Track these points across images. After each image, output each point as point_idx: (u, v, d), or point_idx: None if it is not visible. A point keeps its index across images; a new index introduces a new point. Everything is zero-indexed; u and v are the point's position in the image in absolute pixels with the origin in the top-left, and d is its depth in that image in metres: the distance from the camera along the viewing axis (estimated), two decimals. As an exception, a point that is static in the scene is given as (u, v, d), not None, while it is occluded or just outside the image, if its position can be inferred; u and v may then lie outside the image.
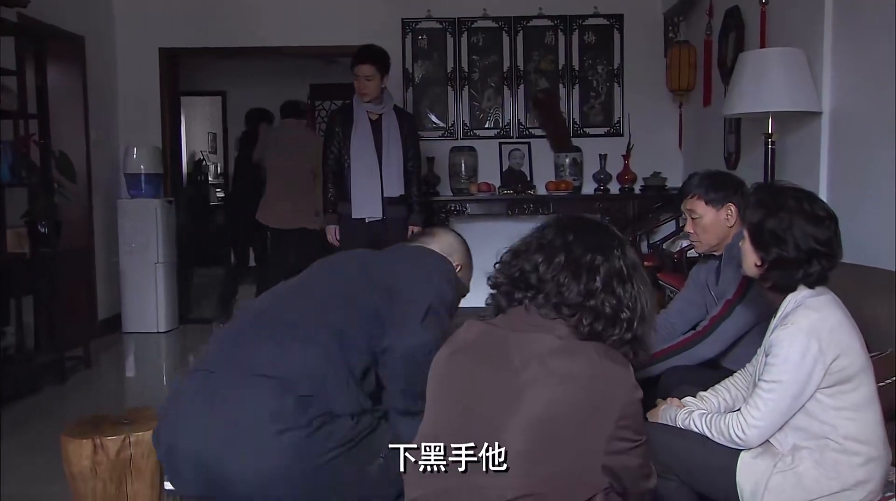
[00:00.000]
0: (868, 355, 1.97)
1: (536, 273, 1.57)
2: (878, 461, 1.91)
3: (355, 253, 2.38)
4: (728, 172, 2.97)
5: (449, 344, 1.63)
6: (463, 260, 2.40)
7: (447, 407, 1.56)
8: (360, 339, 2.00)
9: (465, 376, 1.55)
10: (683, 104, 6.05)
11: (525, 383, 1.45)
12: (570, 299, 1.53)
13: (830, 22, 3.47)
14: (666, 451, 2.06)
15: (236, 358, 1.95)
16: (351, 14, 6.15)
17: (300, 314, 2.04)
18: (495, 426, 1.45)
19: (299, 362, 1.92)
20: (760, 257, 1.98)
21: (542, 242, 1.60)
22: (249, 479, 1.81)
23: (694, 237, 2.68)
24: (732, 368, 2.42)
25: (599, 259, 1.56)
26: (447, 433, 1.50)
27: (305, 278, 2.24)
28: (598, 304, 1.53)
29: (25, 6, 4.61)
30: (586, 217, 1.71)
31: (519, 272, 1.59)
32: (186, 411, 1.93)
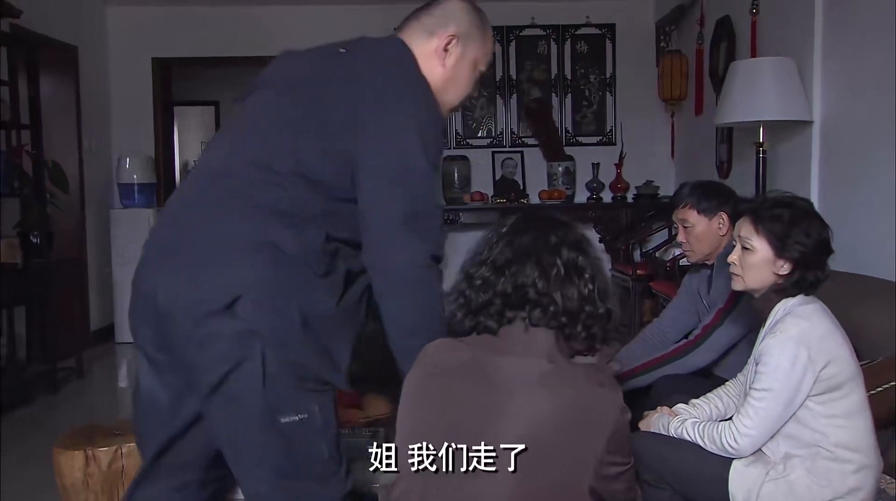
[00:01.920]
0: (858, 362, 1.97)
1: (535, 287, 1.46)
2: (870, 468, 1.92)
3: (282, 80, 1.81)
4: (719, 182, 2.98)
5: (423, 365, 1.50)
6: (462, 28, 1.83)
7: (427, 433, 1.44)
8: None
9: (448, 400, 1.45)
10: (675, 113, 6.08)
11: (512, 409, 1.38)
12: (570, 308, 1.47)
13: (821, 31, 3.49)
14: (658, 460, 2.06)
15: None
16: (345, 24, 6.12)
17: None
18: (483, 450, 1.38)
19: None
20: (784, 261, 1.96)
21: (528, 250, 1.49)
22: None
23: (687, 247, 2.69)
24: (725, 376, 2.42)
25: (581, 259, 1.50)
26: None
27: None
28: (594, 307, 1.49)
29: (18, 17, 4.61)
30: (542, 215, 1.60)
31: (512, 288, 1.47)
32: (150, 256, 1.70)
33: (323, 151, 1.62)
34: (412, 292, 1.63)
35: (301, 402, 1.62)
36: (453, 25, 1.80)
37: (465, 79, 1.82)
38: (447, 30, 1.79)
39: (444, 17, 1.80)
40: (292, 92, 1.69)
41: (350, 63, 1.71)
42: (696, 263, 2.75)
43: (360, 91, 1.64)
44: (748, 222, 2.00)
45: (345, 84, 1.67)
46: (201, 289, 1.57)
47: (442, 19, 1.80)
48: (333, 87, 1.67)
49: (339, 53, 1.73)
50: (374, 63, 1.71)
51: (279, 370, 1.58)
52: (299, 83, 1.71)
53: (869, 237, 3.05)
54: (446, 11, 1.81)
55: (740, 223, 2.03)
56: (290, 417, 1.60)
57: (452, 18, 1.80)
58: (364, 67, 1.70)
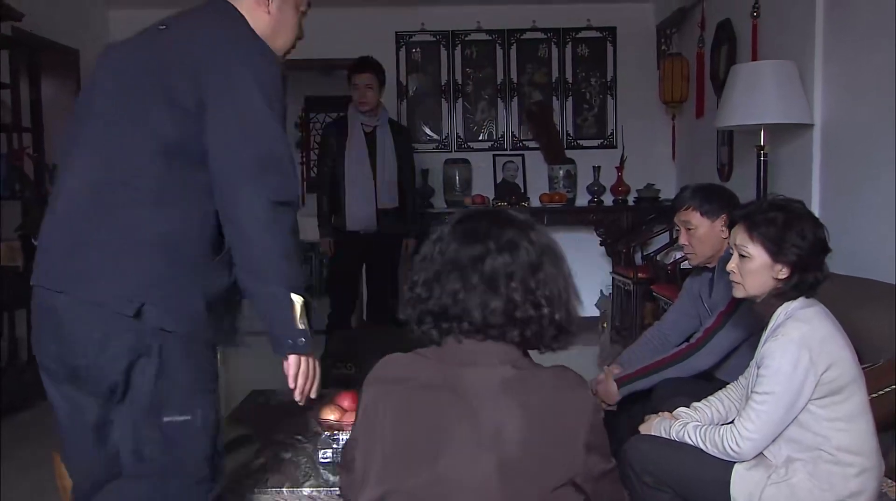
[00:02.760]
0: (859, 365, 1.98)
1: (455, 300, 1.40)
2: (872, 471, 1.92)
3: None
4: (720, 185, 2.98)
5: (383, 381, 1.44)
6: None
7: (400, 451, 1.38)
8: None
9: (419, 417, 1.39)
10: (676, 116, 6.08)
11: (482, 421, 1.34)
12: (494, 321, 1.39)
13: (821, 34, 3.50)
14: (659, 463, 2.06)
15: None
16: (345, 27, 6.17)
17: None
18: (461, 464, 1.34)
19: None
20: (781, 265, 1.97)
21: (452, 260, 1.43)
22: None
23: (689, 249, 2.69)
24: (726, 379, 2.42)
25: (508, 260, 1.40)
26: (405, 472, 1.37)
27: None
28: (523, 313, 1.39)
29: (20, 20, 4.62)
30: (485, 212, 1.52)
31: (438, 307, 1.42)
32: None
33: (175, 124, 1.63)
34: (259, 236, 1.64)
35: (187, 402, 1.66)
36: None
37: (291, 21, 1.88)
38: None
39: None
40: (131, 74, 1.69)
41: (176, 33, 1.73)
42: (698, 265, 2.74)
43: (195, 54, 1.66)
44: (742, 230, 2.00)
45: (178, 51, 1.68)
46: (104, 299, 1.60)
47: None
48: (169, 55, 1.68)
49: (161, 31, 1.75)
50: (201, 27, 1.74)
51: (174, 367, 1.63)
52: (135, 63, 1.70)
53: (870, 240, 3.05)
54: None
55: (735, 231, 2.03)
56: (174, 417, 1.65)
57: None
58: (193, 33, 1.72)
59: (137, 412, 1.65)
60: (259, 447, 2.32)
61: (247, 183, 1.63)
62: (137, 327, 1.60)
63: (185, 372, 1.66)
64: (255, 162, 1.63)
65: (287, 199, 1.67)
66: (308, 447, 2.29)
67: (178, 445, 1.67)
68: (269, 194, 1.63)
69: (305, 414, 2.52)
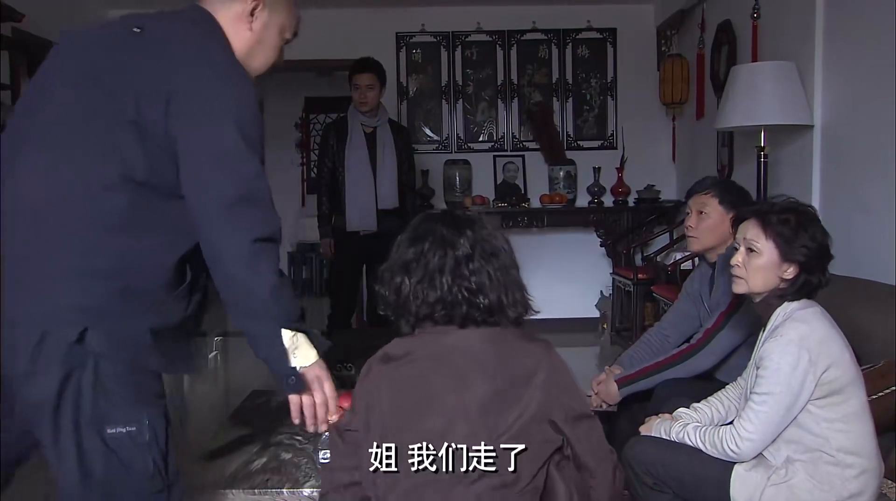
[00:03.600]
0: (858, 366, 1.98)
1: (399, 295, 1.65)
2: (871, 472, 1.92)
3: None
4: (741, 186, 2.99)
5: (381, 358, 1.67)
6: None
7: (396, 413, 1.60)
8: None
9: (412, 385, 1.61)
10: (677, 117, 6.08)
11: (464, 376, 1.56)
12: (432, 308, 1.62)
13: (821, 35, 3.50)
14: (659, 464, 2.06)
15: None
16: (345, 28, 6.17)
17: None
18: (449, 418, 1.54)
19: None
20: (789, 264, 1.97)
21: (400, 260, 1.66)
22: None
23: (694, 232, 2.69)
24: (725, 380, 2.42)
25: (442, 256, 1.63)
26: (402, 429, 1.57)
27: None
28: (455, 296, 1.61)
29: (20, 20, 4.62)
30: (436, 215, 1.72)
31: (394, 298, 1.66)
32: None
33: (142, 147, 1.54)
34: (242, 276, 1.59)
35: (130, 413, 1.59)
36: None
37: (271, 45, 1.78)
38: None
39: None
40: (95, 85, 1.57)
41: (150, 45, 1.61)
42: (696, 252, 2.76)
43: (167, 76, 1.56)
44: (755, 225, 2.00)
45: (149, 70, 1.57)
46: (47, 324, 1.53)
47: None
48: (139, 74, 1.57)
49: (135, 34, 1.62)
50: (176, 43, 1.63)
51: (112, 380, 1.56)
52: (100, 74, 1.58)
53: (870, 241, 3.05)
54: None
55: (746, 226, 2.03)
56: (118, 429, 1.58)
57: None
58: (167, 48, 1.61)
59: (78, 426, 1.57)
60: (259, 447, 2.32)
61: (225, 222, 1.57)
62: (77, 349, 1.53)
63: (125, 385, 1.59)
64: (233, 200, 1.56)
65: (268, 235, 1.61)
66: (308, 447, 2.29)
67: (125, 458, 1.60)
68: (249, 232, 1.58)
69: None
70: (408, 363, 1.63)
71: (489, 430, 1.52)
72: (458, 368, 1.58)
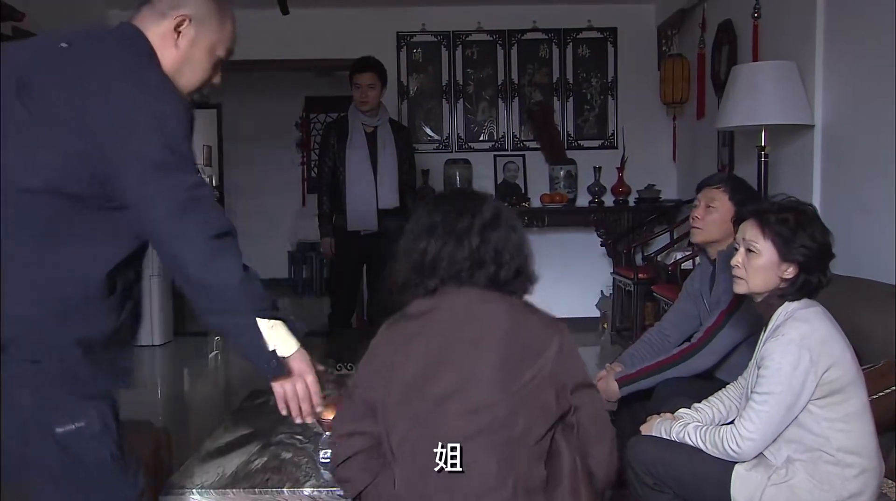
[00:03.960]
0: (859, 366, 1.98)
1: (424, 256, 1.73)
2: (872, 472, 1.92)
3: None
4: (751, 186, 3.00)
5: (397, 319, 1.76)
6: (196, 11, 1.75)
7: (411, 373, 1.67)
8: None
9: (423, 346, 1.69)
10: (677, 117, 6.08)
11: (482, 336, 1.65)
12: (460, 266, 1.71)
13: (822, 35, 3.50)
14: (660, 464, 2.06)
15: None
16: (345, 27, 6.17)
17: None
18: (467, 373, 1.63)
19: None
20: (788, 264, 1.97)
21: (421, 228, 1.76)
22: None
23: (698, 223, 2.70)
24: (726, 379, 2.43)
25: (469, 220, 1.73)
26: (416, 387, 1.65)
27: None
28: (483, 256, 1.71)
29: (20, 20, 4.62)
30: (451, 190, 1.94)
31: (418, 260, 1.73)
32: None
33: (67, 158, 1.55)
34: (204, 275, 1.60)
35: (77, 410, 1.61)
36: (186, 8, 1.74)
37: (200, 63, 1.78)
38: (179, 10, 1.73)
39: (176, 0, 1.74)
40: (21, 96, 1.57)
41: (77, 60, 1.61)
42: (698, 243, 2.76)
43: (93, 91, 1.57)
44: (754, 226, 2.00)
45: (75, 84, 1.57)
46: None
47: (174, 2, 1.74)
48: (64, 88, 1.57)
49: (63, 49, 1.62)
50: (103, 58, 1.63)
51: (51, 381, 1.58)
52: (26, 85, 1.58)
53: (870, 241, 3.05)
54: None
55: (745, 226, 2.03)
56: (67, 426, 1.60)
57: (186, 1, 1.74)
58: (93, 63, 1.61)
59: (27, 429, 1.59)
60: (259, 447, 2.32)
61: (176, 229, 1.59)
62: (9, 354, 1.56)
63: (64, 386, 1.60)
64: (179, 208, 1.58)
65: (222, 230, 1.62)
66: (308, 447, 2.29)
67: (81, 453, 1.62)
68: (202, 232, 1.59)
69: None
70: (430, 320, 1.71)
71: (504, 387, 1.60)
72: (479, 327, 1.67)
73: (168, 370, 5.79)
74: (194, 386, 5.53)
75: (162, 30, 1.72)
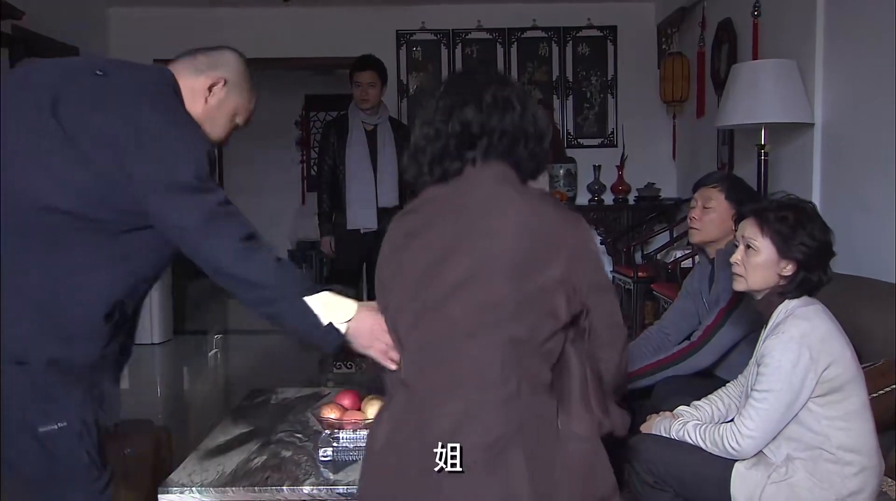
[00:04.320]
0: (859, 364, 1.98)
1: (477, 122, 1.64)
2: (872, 470, 1.92)
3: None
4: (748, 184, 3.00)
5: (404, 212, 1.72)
6: (232, 77, 1.90)
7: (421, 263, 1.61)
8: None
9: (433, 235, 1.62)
10: (677, 115, 6.08)
11: (491, 227, 1.57)
12: (509, 131, 1.64)
13: (822, 34, 3.49)
14: (660, 462, 2.06)
15: None
16: (345, 26, 6.17)
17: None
18: (477, 265, 1.55)
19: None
20: (787, 262, 1.98)
21: (463, 96, 1.66)
22: None
23: (697, 224, 2.70)
24: (725, 377, 2.43)
25: (509, 90, 1.67)
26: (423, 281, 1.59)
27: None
28: (527, 130, 1.66)
29: (20, 18, 4.62)
30: (457, 72, 1.84)
31: (460, 127, 1.64)
32: None
33: (95, 181, 1.63)
34: (244, 273, 1.69)
35: (60, 411, 1.67)
36: (224, 70, 1.88)
37: (221, 123, 1.91)
38: (217, 72, 1.86)
39: (217, 62, 1.88)
40: (56, 114, 1.64)
41: (111, 88, 1.71)
42: (696, 243, 2.76)
43: (124, 117, 1.65)
44: (753, 223, 2.01)
45: (108, 109, 1.66)
46: None
47: (215, 62, 1.88)
48: (97, 112, 1.66)
49: (98, 77, 1.72)
50: (134, 89, 1.73)
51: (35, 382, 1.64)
52: (62, 103, 1.65)
53: (870, 239, 3.05)
54: (222, 58, 1.90)
55: (744, 224, 2.04)
56: (49, 426, 1.66)
57: (225, 65, 1.89)
58: (126, 92, 1.71)
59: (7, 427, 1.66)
60: (259, 445, 2.32)
61: (208, 235, 1.67)
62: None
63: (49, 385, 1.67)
64: (208, 217, 1.67)
65: (248, 233, 1.71)
66: (308, 445, 2.29)
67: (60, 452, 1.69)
68: (231, 237, 1.68)
69: (305, 413, 2.53)
70: (441, 207, 1.65)
71: (515, 286, 1.54)
72: (494, 215, 1.59)
73: (168, 369, 5.79)
74: (194, 385, 5.53)
75: (195, 84, 1.84)
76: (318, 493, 2.04)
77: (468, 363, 1.54)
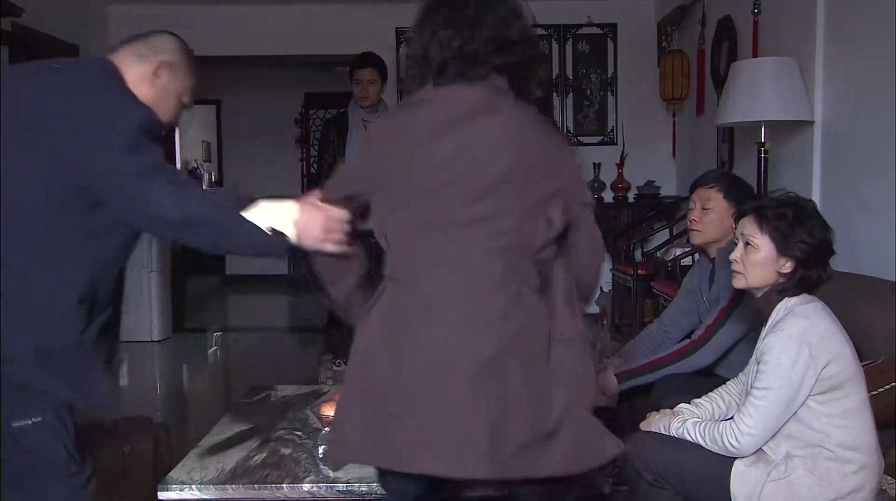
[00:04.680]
0: (859, 362, 1.98)
1: (425, 49, 1.82)
2: (871, 468, 1.92)
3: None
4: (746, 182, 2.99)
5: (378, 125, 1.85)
6: (173, 59, 1.96)
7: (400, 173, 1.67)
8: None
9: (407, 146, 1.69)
10: (677, 113, 6.07)
11: (480, 128, 1.64)
12: (464, 54, 1.74)
13: (822, 31, 3.49)
14: (659, 460, 2.06)
15: None
16: (345, 23, 6.16)
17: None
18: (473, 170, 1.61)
19: None
20: (786, 259, 1.98)
21: (444, 18, 1.82)
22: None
23: (696, 225, 2.69)
24: (725, 375, 2.42)
25: (468, 8, 1.80)
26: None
27: None
28: (484, 42, 1.78)
29: (20, 15, 4.61)
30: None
31: (418, 54, 1.81)
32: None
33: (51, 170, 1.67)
34: (181, 210, 1.69)
35: (34, 406, 1.70)
36: (166, 54, 1.94)
37: (170, 104, 1.96)
38: (160, 56, 1.92)
39: (156, 47, 1.94)
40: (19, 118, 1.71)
41: (58, 79, 1.77)
42: (698, 245, 2.75)
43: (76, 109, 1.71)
44: (752, 221, 2.01)
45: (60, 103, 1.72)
46: None
47: (156, 47, 1.93)
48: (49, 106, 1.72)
49: (54, 69, 1.82)
50: (79, 75, 1.80)
51: (9, 376, 1.66)
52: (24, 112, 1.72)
53: (870, 237, 3.05)
54: (160, 42, 1.96)
55: (744, 221, 2.05)
56: (23, 421, 1.69)
57: (167, 49, 1.95)
58: (71, 80, 1.77)
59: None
60: (259, 443, 2.32)
61: (145, 191, 1.68)
62: None
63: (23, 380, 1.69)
64: (143, 173, 1.68)
65: (184, 179, 1.77)
66: (308, 442, 2.30)
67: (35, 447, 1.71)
68: (163, 181, 1.69)
69: (305, 410, 2.53)
70: (430, 106, 1.75)
71: (518, 195, 1.60)
72: (487, 131, 1.63)
73: (167, 366, 5.79)
74: (193, 382, 5.53)
75: (140, 71, 1.89)
76: (318, 490, 2.04)
77: (467, 267, 1.59)
